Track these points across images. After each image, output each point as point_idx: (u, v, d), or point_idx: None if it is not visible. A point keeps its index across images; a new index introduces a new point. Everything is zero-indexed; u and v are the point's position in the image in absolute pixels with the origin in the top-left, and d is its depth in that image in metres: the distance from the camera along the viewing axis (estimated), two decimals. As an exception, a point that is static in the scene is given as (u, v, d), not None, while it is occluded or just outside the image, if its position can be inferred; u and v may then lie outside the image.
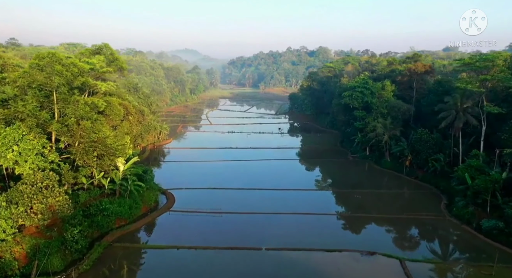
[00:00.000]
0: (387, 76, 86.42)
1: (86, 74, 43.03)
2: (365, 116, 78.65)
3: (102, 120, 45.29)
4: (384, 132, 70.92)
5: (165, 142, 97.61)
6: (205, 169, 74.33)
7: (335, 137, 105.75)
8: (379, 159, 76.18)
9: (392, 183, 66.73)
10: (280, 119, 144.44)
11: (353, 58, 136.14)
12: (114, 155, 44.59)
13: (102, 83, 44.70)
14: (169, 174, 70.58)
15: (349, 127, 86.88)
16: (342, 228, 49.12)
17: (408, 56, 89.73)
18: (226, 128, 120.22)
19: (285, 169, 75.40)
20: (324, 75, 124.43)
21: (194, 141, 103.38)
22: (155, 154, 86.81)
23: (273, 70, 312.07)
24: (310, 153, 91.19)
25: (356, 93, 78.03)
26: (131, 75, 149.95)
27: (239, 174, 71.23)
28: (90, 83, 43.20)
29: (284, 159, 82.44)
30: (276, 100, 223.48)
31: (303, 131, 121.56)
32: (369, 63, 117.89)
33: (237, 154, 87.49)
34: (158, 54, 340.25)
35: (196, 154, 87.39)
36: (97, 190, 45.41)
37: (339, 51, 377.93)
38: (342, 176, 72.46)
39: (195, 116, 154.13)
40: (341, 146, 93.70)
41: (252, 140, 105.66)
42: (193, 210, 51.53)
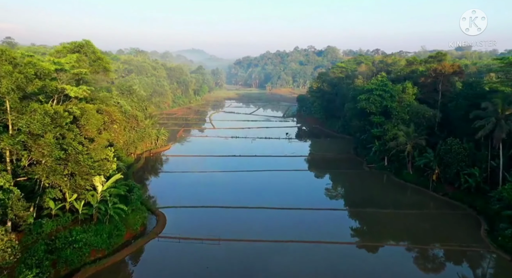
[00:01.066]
0: (407, 78, 77.82)
1: (48, 76, 35.38)
2: (384, 122, 70.21)
3: (76, 132, 37.60)
4: (407, 141, 62.42)
5: (163, 148, 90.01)
6: (204, 181, 66.44)
7: (347, 143, 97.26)
8: (400, 171, 67.66)
9: (416, 200, 58.12)
10: (288, 123, 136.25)
11: (366, 58, 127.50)
12: (89, 174, 36.91)
13: (72, 88, 37.05)
14: (162, 188, 62.82)
15: (365, 134, 78.42)
16: (359, 261, 40.64)
17: (431, 55, 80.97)
18: (230, 132, 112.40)
19: (293, 181, 67.07)
20: (335, 76, 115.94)
21: (194, 147, 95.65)
22: (151, 162, 79.14)
23: (280, 70, 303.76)
24: (320, 161, 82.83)
25: (373, 96, 69.59)
26: (131, 76, 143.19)
27: (241, 187, 63.19)
28: (52, 87, 35.46)
29: (292, 169, 74.11)
30: (283, 101, 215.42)
31: (312, 136, 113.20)
32: (383, 63, 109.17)
33: (241, 162, 79.56)
34: (163, 54, 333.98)
35: (196, 162, 79.62)
36: (68, 216, 37.71)
37: (348, 50, 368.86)
38: (358, 191, 63.95)
39: (198, 119, 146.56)
40: (355, 154, 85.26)
41: (257, 146, 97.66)
42: (186, 237, 43.61)
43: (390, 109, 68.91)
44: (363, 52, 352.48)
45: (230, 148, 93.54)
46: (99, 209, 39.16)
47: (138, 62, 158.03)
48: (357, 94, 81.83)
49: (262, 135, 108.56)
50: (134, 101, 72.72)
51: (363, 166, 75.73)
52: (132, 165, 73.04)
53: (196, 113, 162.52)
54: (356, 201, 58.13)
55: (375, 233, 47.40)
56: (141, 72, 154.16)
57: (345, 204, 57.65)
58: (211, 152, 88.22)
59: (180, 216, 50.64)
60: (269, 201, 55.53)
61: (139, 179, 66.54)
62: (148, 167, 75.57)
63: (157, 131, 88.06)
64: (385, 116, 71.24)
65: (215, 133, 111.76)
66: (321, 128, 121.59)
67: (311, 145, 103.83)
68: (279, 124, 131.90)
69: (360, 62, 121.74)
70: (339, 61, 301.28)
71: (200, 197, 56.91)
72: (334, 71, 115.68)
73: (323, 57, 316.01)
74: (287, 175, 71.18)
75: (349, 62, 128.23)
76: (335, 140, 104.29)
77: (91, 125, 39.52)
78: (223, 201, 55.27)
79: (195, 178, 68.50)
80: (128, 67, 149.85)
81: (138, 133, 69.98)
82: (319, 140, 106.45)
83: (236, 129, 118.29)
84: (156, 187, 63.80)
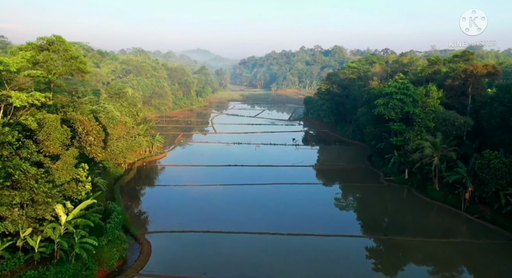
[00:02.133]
0: (430, 80, 69.37)
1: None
2: (404, 130, 61.81)
3: (32, 149, 29.87)
4: (434, 153, 54.03)
5: (159, 156, 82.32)
6: (200, 197, 58.56)
7: (360, 151, 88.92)
8: (423, 186, 59.29)
9: (447, 223, 49.61)
10: (294, 127, 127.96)
11: (378, 58, 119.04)
12: (47, 203, 29.16)
13: (18, 94, 29.28)
14: (152, 206, 54.88)
15: (381, 143, 70.03)
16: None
17: (456, 54, 72.46)
18: (232, 138, 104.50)
19: (301, 198, 58.73)
20: (345, 77, 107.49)
21: (193, 155, 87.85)
22: (144, 173, 71.37)
23: (285, 70, 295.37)
24: (332, 173, 74.47)
25: (393, 101, 61.18)
26: (129, 77, 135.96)
27: (242, 205, 55.12)
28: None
29: (300, 182, 65.83)
30: (289, 103, 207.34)
31: (321, 142, 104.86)
32: (399, 63, 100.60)
33: (243, 173, 71.65)
34: (165, 54, 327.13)
35: (193, 173, 71.87)
36: (20, 256, 29.92)
37: (355, 50, 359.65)
38: (376, 211, 55.23)
39: (200, 122, 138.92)
40: (370, 164, 76.88)
41: (262, 153, 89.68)
42: (174, 276, 35.76)
43: (412, 116, 60.49)
44: (371, 52, 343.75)
45: (232, 156, 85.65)
46: (61, 245, 31.36)
47: (138, 62, 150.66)
48: (373, 97, 73.59)
49: (267, 140, 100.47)
50: (124, 106, 64.98)
51: (380, 178, 67.34)
52: (121, 177, 65.45)
53: (197, 115, 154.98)
54: (376, 226, 49.64)
55: (405, 274, 38.96)
56: (140, 72, 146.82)
57: (365, 230, 48.93)
58: (211, 160, 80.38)
59: (168, 244, 42.81)
60: (274, 224, 47.49)
61: (127, 194, 58.93)
62: (140, 179, 67.84)
63: (151, 139, 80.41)
64: (406, 123, 62.85)
65: (216, 139, 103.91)
66: (330, 133, 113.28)
67: (320, 152, 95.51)
68: (285, 129, 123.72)
69: (372, 62, 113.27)
70: (347, 61, 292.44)
71: (194, 218, 49.15)
72: (345, 72, 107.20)
73: (330, 57, 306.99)
74: (295, 189, 62.97)
75: (360, 62, 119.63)
76: (346, 146, 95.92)
77: (52, 141, 31.76)
78: (221, 223, 47.30)
79: (190, 193, 60.69)
80: (127, 68, 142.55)
81: (128, 142, 62.24)
82: (328, 146, 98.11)
83: (239, 134, 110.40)
84: (145, 205, 56.06)
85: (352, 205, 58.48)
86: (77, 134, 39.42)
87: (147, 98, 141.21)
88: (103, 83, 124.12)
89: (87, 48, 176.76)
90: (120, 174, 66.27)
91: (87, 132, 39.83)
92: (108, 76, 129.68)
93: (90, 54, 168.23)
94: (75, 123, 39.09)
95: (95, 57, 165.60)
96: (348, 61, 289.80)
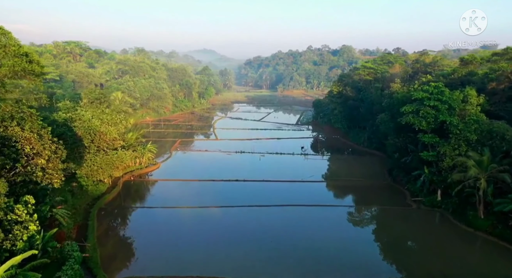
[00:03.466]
0: (465, 82, 58.92)
1: None
2: (438, 143, 51.45)
3: None
4: (479, 174, 43.67)
5: (150, 168, 72.72)
6: (193, 223, 48.91)
7: (378, 163, 78.61)
8: (462, 211, 48.88)
9: (503, 269, 39.06)
10: (303, 133, 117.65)
11: (395, 57, 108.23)
12: None
13: None
14: (133, 236, 45.07)
15: (407, 156, 59.63)
16: None
17: (496, 52, 61.96)
18: (235, 145, 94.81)
19: (314, 227, 48.25)
20: (360, 78, 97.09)
21: (190, 166, 78.13)
22: (131, 189, 61.78)
23: (292, 70, 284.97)
24: (348, 191, 64.22)
25: (425, 109, 50.81)
26: (125, 78, 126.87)
27: (243, 237, 45.21)
28: None
29: (312, 204, 55.52)
30: (296, 105, 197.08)
31: (333, 150, 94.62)
32: (420, 62, 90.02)
33: (245, 190, 61.93)
34: (168, 54, 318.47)
35: (187, 190, 62.16)
36: None
37: (364, 50, 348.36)
38: (407, 245, 44.84)
39: (201, 126, 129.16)
40: (391, 179, 66.55)
41: (267, 164, 79.87)
42: None
43: (448, 126, 50.07)
44: (381, 52, 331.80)
45: (233, 167, 76.07)
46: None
47: (135, 62, 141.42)
48: (395, 103, 63.37)
49: (273, 148, 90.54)
50: (106, 113, 55.41)
51: (407, 199, 56.99)
52: (102, 196, 55.88)
53: (199, 119, 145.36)
54: (409, 267, 39.41)
55: None
56: (138, 73, 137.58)
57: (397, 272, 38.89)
58: (210, 173, 70.59)
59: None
60: (283, 263, 37.60)
61: (106, 218, 49.34)
62: (126, 197, 58.14)
63: (142, 148, 70.89)
64: (439, 134, 52.45)
65: (217, 146, 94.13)
66: (342, 140, 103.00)
67: (332, 162, 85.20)
68: (293, 134, 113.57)
69: (389, 62, 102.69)
70: (356, 61, 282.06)
71: (182, 258, 39.41)
72: (360, 73, 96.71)
73: (339, 56, 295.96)
74: (306, 213, 52.74)
75: (375, 62, 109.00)
76: (361, 157, 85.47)
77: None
78: (216, 266, 37.49)
79: (181, 218, 50.97)
80: (123, 68, 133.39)
81: (108, 157, 52.68)
82: (341, 156, 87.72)
83: (242, 141, 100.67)
84: (127, 234, 46.39)
85: (378, 236, 47.87)
86: (22, 156, 29.81)
87: (144, 100, 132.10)
88: (96, 85, 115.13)
89: (84, 48, 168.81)
90: (101, 192, 56.68)
91: (37, 153, 30.18)
92: (102, 77, 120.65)
93: (87, 54, 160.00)
94: (19, 142, 29.47)
95: (91, 56, 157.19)
96: (358, 61, 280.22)
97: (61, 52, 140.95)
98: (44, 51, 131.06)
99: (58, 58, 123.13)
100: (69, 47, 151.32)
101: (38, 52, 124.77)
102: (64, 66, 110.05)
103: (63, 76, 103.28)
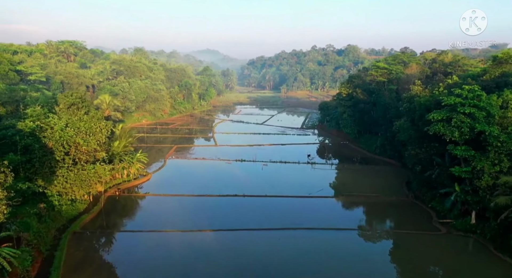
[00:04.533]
0: (501, 85, 50.83)
1: None
2: (473, 157, 43.42)
3: None
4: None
5: (140, 180, 65.11)
6: (186, 253, 41.15)
7: (395, 173, 70.71)
8: (503, 239, 40.84)
9: None
10: (308, 138, 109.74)
11: (408, 56, 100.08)
12: None
13: None
14: (111, 270, 37.49)
15: (433, 170, 51.52)
16: None
17: (536, 49, 53.91)
18: (236, 152, 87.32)
19: (325, 257, 40.59)
20: (372, 79, 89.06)
21: (184, 178, 70.29)
22: (115, 206, 54.10)
23: (296, 71, 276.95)
24: (364, 208, 56.26)
25: (458, 116, 42.80)
26: (119, 79, 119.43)
27: (245, 270, 37.46)
28: None
29: (323, 227, 47.55)
30: (301, 107, 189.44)
31: (342, 157, 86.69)
32: (439, 62, 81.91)
33: (245, 208, 54.31)
34: (169, 54, 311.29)
35: (179, 208, 54.50)
36: None
37: (370, 49, 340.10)
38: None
39: (200, 130, 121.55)
40: (410, 194, 58.46)
41: (270, 174, 72.30)
42: None
43: (487, 138, 42.00)
44: (386, 51, 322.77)
45: (233, 179, 68.47)
46: None
47: (131, 62, 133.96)
48: (418, 107, 55.46)
49: (276, 156, 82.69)
50: (84, 121, 47.75)
51: (433, 221, 48.94)
52: (79, 216, 48.22)
53: (199, 122, 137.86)
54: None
55: None
56: (134, 74, 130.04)
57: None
58: (206, 186, 62.85)
59: None
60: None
61: (79, 245, 41.51)
62: (108, 218, 50.30)
63: (131, 157, 63.29)
64: (474, 146, 44.40)
65: (216, 153, 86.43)
66: (351, 146, 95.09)
67: (342, 173, 77.13)
68: (297, 140, 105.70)
69: (402, 62, 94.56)
70: (362, 61, 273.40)
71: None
72: (372, 73, 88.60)
73: (344, 56, 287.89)
74: (315, 239, 44.78)
75: (386, 61, 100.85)
76: (374, 167, 77.47)
77: None
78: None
79: (172, 245, 43.14)
80: (118, 68, 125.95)
81: (85, 172, 45.04)
82: (352, 165, 79.52)
83: (243, 147, 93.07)
84: (102, 268, 38.57)
85: (403, 270, 39.94)
86: None
87: (140, 103, 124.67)
88: (87, 87, 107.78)
89: (79, 47, 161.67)
90: (79, 212, 49.03)
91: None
92: (94, 78, 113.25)
93: (81, 53, 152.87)
94: None
95: (86, 56, 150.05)
96: (364, 61, 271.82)
97: (54, 52, 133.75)
98: (35, 51, 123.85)
99: (48, 58, 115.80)
100: (62, 47, 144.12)
101: (27, 51, 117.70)
102: (53, 66, 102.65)
103: (51, 77, 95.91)
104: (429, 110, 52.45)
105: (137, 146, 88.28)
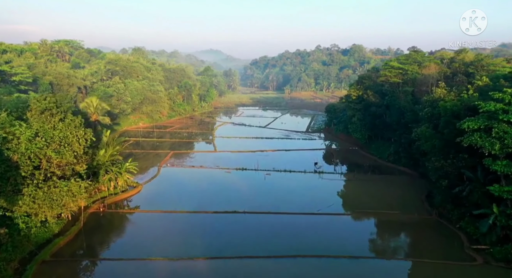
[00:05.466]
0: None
1: None
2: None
3: None
4: None
5: (128, 193, 58.43)
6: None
7: (412, 185, 63.66)
8: (554, 273, 33.85)
9: None
10: (314, 142, 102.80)
11: (422, 55, 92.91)
12: None
13: None
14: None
15: (463, 186, 44.41)
16: None
17: None
18: (236, 158, 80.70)
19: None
20: (385, 80, 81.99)
21: (178, 190, 63.43)
22: (97, 226, 47.44)
23: (300, 71, 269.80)
24: (381, 229, 49.26)
25: (501, 126, 35.79)
26: (114, 79, 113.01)
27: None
28: None
29: (335, 255, 40.37)
30: (305, 108, 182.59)
31: (351, 165, 79.58)
32: (459, 61, 74.75)
33: (245, 228, 47.48)
34: (170, 54, 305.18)
35: (170, 228, 47.72)
36: None
37: (375, 49, 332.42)
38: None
39: (200, 134, 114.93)
40: (434, 211, 51.28)
41: (274, 185, 65.55)
42: None
43: (534, 152, 34.96)
44: (392, 51, 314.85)
45: (232, 191, 61.72)
46: None
47: (128, 62, 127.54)
48: (443, 113, 48.44)
49: (280, 163, 75.74)
50: (58, 129, 41.20)
51: (464, 246, 41.86)
52: (52, 240, 41.43)
53: (199, 124, 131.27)
54: None
55: None
56: (131, 74, 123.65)
57: None
58: (201, 200, 56.28)
59: None
60: None
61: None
62: (87, 241, 43.65)
63: (118, 169, 56.65)
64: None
65: (215, 160, 79.80)
66: (361, 152, 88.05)
67: (354, 183, 69.33)
68: (303, 145, 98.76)
69: (416, 62, 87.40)
70: (368, 61, 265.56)
71: None
72: (386, 74, 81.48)
73: (349, 56, 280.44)
74: (328, 270, 37.96)
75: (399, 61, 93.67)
76: (388, 176, 70.29)
77: None
78: None
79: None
80: (113, 69, 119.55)
81: (57, 189, 38.38)
82: (363, 175, 72.24)
83: (245, 153, 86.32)
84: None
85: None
86: None
87: (137, 105, 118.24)
88: (79, 88, 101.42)
89: (76, 47, 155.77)
90: (53, 234, 42.36)
91: None
92: (87, 79, 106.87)
93: (77, 53, 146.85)
94: None
95: (82, 56, 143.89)
96: (370, 61, 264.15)
97: (46, 51, 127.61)
98: (27, 50, 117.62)
99: (39, 57, 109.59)
100: (57, 46, 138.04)
101: (17, 51, 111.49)
102: (42, 66, 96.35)
103: (39, 78, 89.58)
104: (457, 117, 45.60)
105: (130, 152, 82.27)
